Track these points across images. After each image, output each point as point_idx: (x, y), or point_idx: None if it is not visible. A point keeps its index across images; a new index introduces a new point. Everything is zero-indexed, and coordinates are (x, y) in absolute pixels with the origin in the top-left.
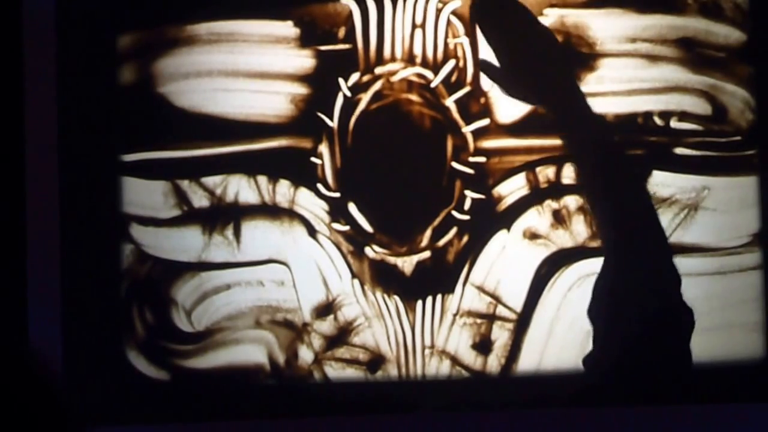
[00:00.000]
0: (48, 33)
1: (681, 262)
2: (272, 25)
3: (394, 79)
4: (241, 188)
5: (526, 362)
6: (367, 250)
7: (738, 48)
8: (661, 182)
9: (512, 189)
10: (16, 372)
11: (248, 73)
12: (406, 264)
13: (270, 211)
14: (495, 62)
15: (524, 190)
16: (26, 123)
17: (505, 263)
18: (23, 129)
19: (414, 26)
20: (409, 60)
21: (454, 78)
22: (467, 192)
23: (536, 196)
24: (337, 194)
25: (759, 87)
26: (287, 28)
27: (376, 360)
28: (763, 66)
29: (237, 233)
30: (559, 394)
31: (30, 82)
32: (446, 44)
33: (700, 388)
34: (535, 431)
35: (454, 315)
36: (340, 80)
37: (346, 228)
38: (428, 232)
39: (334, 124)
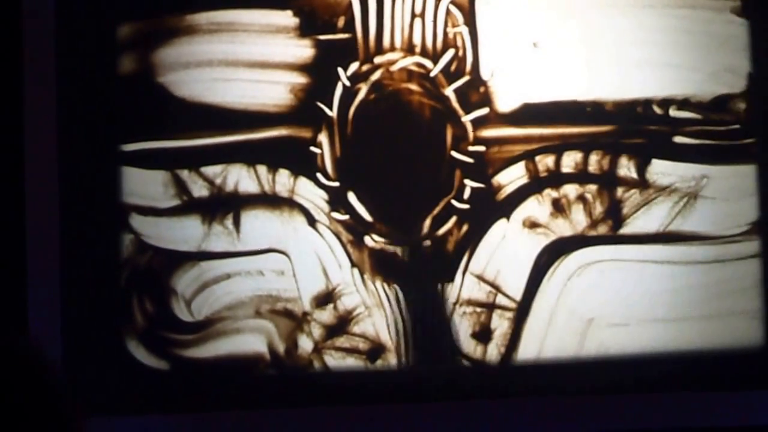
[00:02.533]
0: (48, 24)
1: (680, 251)
2: (272, 15)
3: (394, 68)
4: (241, 178)
5: (526, 351)
6: (367, 240)
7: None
8: (661, 171)
9: (512, 178)
10: (14, 363)
11: (248, 62)
12: (406, 253)
13: (270, 200)
14: None
15: (524, 179)
16: (25, 114)
17: (505, 252)
18: (22, 120)
19: (413, 15)
20: (409, 49)
21: (453, 67)
22: (467, 181)
23: (536, 185)
24: (337, 184)
25: (757, 75)
26: (287, 18)
27: (376, 349)
28: (760, 53)
29: (237, 223)
30: (558, 382)
31: (29, 73)
32: (446, 33)
33: (699, 376)
34: (535, 420)
35: (454, 304)
36: (340, 70)
37: (346, 217)
38: (428, 221)
39: (333, 113)
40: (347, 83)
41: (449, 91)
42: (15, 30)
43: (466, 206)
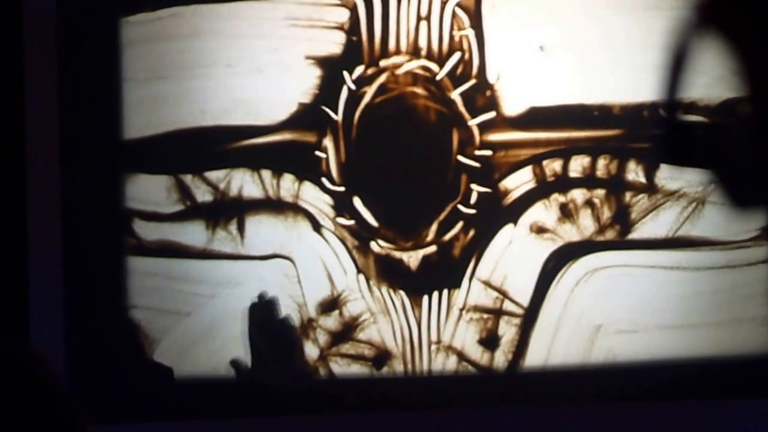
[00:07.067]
0: (48, 27)
1: (689, 256)
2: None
3: (399, 72)
4: (245, 183)
5: (533, 358)
6: (373, 245)
7: None
8: (669, 176)
9: (519, 183)
10: (16, 371)
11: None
12: (412, 259)
13: (274, 205)
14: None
15: (531, 184)
16: (27, 117)
17: (512, 258)
18: (24, 123)
19: (419, 18)
20: (414, 53)
21: (459, 71)
22: (473, 186)
23: (543, 189)
24: (342, 188)
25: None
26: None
27: (381, 356)
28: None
29: (241, 228)
30: (566, 389)
31: (31, 75)
32: (452, 36)
33: (708, 383)
34: (542, 427)
35: (461, 310)
36: (345, 73)
37: (351, 222)
38: (434, 227)
39: (338, 117)
40: (352, 87)
41: (455, 95)
42: (16, 32)
43: (472, 211)
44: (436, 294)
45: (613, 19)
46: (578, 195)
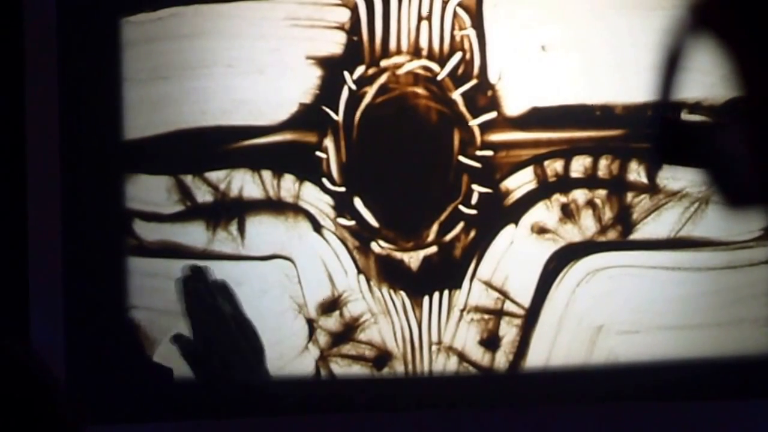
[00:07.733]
0: (49, 26)
1: (691, 257)
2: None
3: (400, 72)
4: (246, 183)
5: (534, 358)
6: (373, 246)
7: None
8: (672, 175)
9: (520, 183)
10: (16, 371)
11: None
12: (413, 259)
13: (274, 206)
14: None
15: (532, 184)
16: (27, 117)
17: (513, 258)
18: (24, 123)
19: (420, 18)
20: (415, 52)
21: (460, 71)
22: (474, 186)
23: (544, 190)
24: (343, 189)
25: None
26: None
27: (382, 357)
28: None
29: (241, 229)
30: (567, 390)
31: (31, 75)
32: (453, 36)
33: (710, 384)
34: (543, 428)
35: (462, 311)
36: (345, 73)
37: (352, 223)
38: (435, 227)
39: (339, 117)
40: (353, 87)
41: (456, 95)
42: (16, 32)
43: (473, 212)
44: (436, 295)
45: (615, 19)
46: (580, 195)
